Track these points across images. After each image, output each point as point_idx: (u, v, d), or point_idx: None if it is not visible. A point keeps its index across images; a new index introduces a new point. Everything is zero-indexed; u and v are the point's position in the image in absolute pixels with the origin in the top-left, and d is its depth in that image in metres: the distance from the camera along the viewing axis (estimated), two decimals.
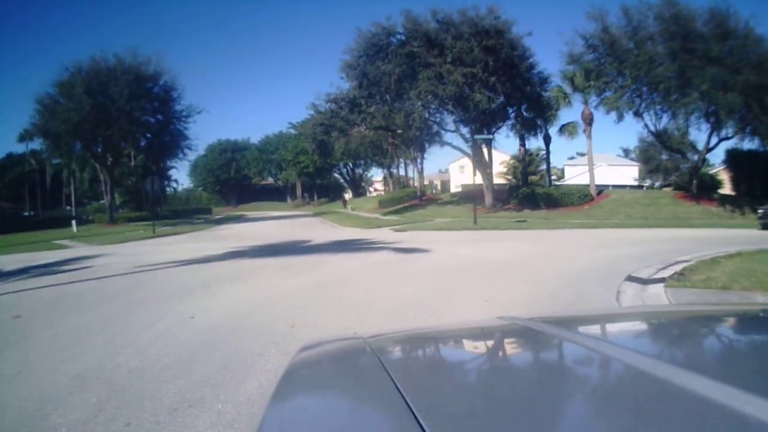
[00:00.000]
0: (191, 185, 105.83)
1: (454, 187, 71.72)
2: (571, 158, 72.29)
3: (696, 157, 37.58)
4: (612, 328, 1.96)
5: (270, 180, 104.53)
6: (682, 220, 29.29)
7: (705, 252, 11.91)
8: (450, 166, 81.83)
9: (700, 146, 37.38)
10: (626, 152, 75.76)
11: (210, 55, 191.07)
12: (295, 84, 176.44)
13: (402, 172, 71.96)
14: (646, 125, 37.62)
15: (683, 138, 36.57)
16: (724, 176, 44.55)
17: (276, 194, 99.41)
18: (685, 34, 31.22)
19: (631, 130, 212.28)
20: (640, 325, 2.00)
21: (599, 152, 49.57)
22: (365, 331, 1.84)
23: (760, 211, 21.99)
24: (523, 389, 1.20)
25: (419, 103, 35.75)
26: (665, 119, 36.93)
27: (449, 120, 41.06)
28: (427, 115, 38.40)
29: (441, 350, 1.80)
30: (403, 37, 35.95)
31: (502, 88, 34.51)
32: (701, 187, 37.37)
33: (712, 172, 45.63)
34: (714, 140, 36.71)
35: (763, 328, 1.72)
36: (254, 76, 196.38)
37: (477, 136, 31.80)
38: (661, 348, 1.57)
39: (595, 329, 1.94)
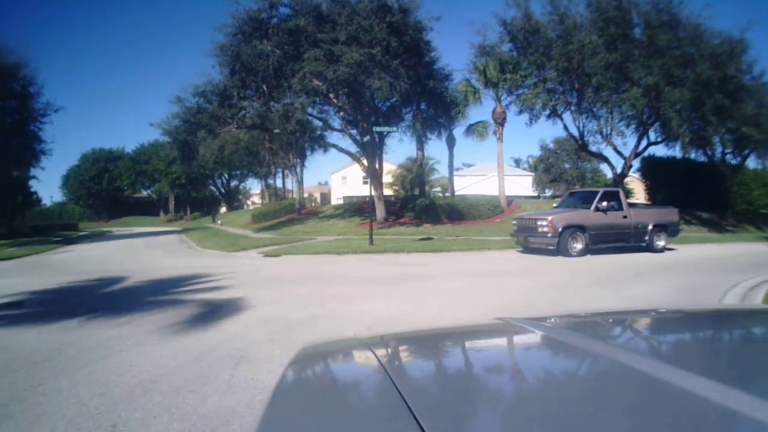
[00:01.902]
0: (63, 198, 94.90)
1: (336, 200, 65.90)
2: (458, 169, 67.39)
3: (622, 163, 33.02)
4: (610, 328, 2.00)
5: (144, 193, 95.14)
6: None
7: None
8: (332, 176, 75.62)
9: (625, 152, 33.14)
10: (517, 162, 71.81)
11: (82, 54, 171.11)
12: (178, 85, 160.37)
13: (281, 183, 64.83)
14: (565, 126, 32.47)
15: (608, 140, 31.71)
16: (634, 185, 42.98)
17: (150, 208, 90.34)
18: (627, 20, 27.42)
19: (526, 139, 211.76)
20: (638, 326, 2.07)
21: (490, 162, 44.22)
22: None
23: (514, 222, 18.40)
24: (521, 390, 1.21)
25: (303, 95, 27.70)
26: (589, 119, 32.16)
27: (336, 119, 34.60)
28: (310, 109, 31.22)
29: (440, 351, 1.77)
30: (289, 11, 28.71)
31: (406, 74, 27.80)
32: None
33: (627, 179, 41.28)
34: (643, 144, 33.05)
35: (763, 328, 1.83)
36: (132, 78, 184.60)
37: (376, 128, 24.26)
38: (659, 348, 1.59)
39: (594, 330, 1.95)
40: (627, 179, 41.56)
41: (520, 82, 30.53)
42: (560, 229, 15.19)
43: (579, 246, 15.42)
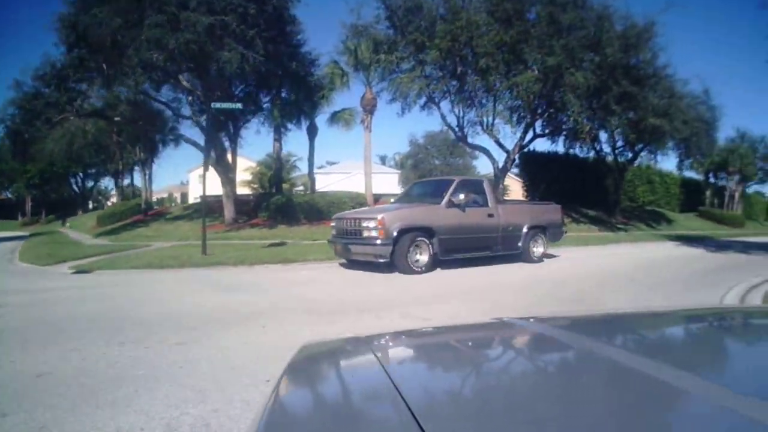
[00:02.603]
0: None
1: (193, 199, 59.30)
2: (322, 167, 64.15)
3: (505, 156, 29.61)
4: (611, 328, 1.92)
5: (3, 195, 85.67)
6: None
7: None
8: (189, 175, 67.80)
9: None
10: (383, 160, 68.10)
11: None
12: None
13: (138, 181, 56.42)
14: (443, 116, 28.71)
15: (490, 131, 28.19)
16: (511, 184, 40.65)
17: (9, 211, 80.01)
18: None
19: (393, 135, 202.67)
20: (639, 326, 1.98)
21: (357, 160, 40.27)
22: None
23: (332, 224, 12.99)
24: (521, 390, 1.20)
25: (139, 70, 22.30)
26: (470, 108, 28.33)
27: (187, 106, 29.59)
28: (156, 93, 26.90)
29: (440, 350, 1.74)
30: None
31: (263, 46, 22.96)
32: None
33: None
34: (529, 136, 29.70)
35: (762, 329, 1.80)
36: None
37: (216, 105, 18.97)
38: (660, 349, 1.57)
39: (593, 330, 1.88)
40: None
41: (395, 64, 26.33)
42: (395, 233, 10.30)
43: (424, 258, 10.66)
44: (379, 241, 10.35)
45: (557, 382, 1.23)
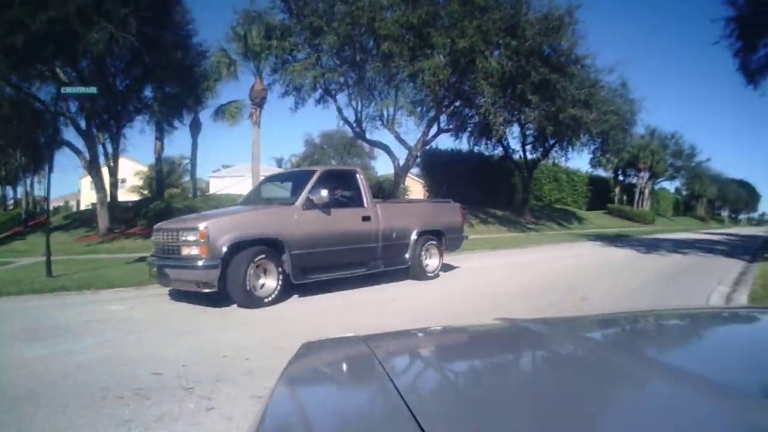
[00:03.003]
0: None
1: (85, 206, 53.77)
2: (217, 171, 60.53)
3: (406, 154, 27.01)
4: (611, 329, 1.94)
5: None
6: None
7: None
8: (81, 181, 61.11)
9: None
10: (279, 162, 64.49)
11: None
12: None
13: (39, 190, 50.27)
14: (339, 109, 25.87)
15: (390, 126, 25.79)
16: (411, 185, 38.01)
17: None
18: None
19: (289, 136, 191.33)
20: (639, 327, 2.01)
21: (246, 163, 37.18)
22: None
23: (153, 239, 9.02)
24: (521, 390, 1.19)
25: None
26: (369, 101, 25.76)
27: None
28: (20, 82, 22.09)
29: (440, 350, 1.77)
30: None
31: (139, 28, 19.58)
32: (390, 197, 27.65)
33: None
34: (433, 131, 27.30)
35: (763, 328, 1.76)
36: None
37: (67, 89, 16.10)
38: (661, 348, 1.57)
39: (594, 330, 1.91)
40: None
41: (288, 52, 23.70)
42: (225, 249, 6.90)
43: (270, 283, 7.32)
44: (201, 262, 6.85)
45: (557, 382, 1.21)
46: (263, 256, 7.16)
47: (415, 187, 38.48)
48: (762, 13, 20.49)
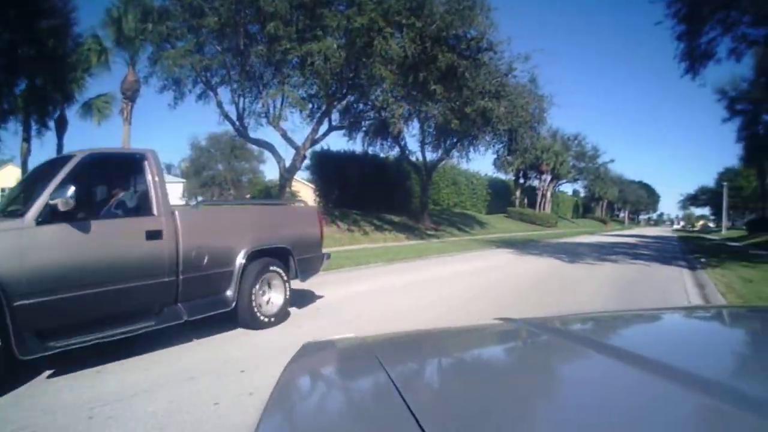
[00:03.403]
0: None
1: None
2: None
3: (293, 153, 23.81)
4: (611, 328, 1.96)
5: None
6: None
7: None
8: None
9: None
10: (168, 168, 60.04)
11: None
12: None
13: None
14: (219, 104, 22.36)
15: (275, 122, 22.40)
16: (301, 190, 34.07)
17: None
18: None
19: (179, 138, 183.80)
20: (639, 326, 2.02)
21: None
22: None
23: None
24: (522, 390, 1.19)
25: None
26: (253, 95, 22.69)
27: None
28: None
29: (440, 351, 1.74)
30: None
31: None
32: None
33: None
34: (324, 128, 24.35)
35: (763, 328, 1.78)
36: None
37: None
38: (660, 348, 1.49)
39: (594, 330, 1.91)
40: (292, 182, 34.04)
41: (165, 37, 20.38)
42: None
43: None
44: None
45: (557, 382, 1.24)
46: None
47: (306, 192, 35.32)
48: None
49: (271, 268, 6.18)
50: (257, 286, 5.96)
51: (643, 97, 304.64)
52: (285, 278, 6.36)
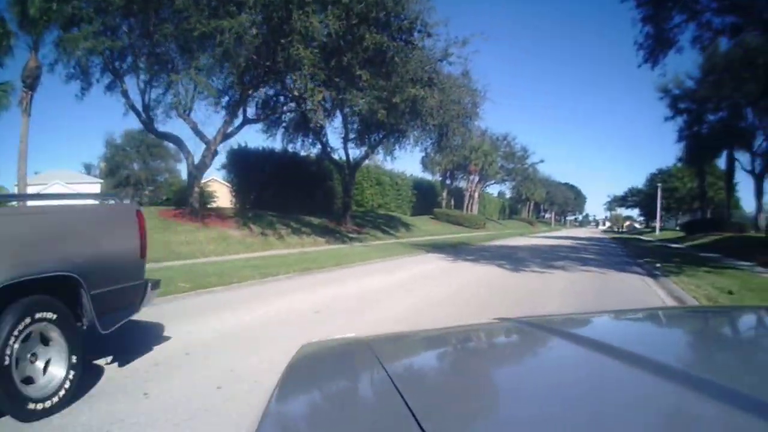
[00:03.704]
0: None
1: None
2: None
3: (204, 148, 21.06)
4: (611, 328, 1.99)
5: None
6: (176, 255, 14.97)
7: None
8: None
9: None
10: (88, 169, 56.66)
11: None
12: None
13: None
14: (125, 93, 19.83)
15: (181, 110, 19.87)
16: (216, 186, 32.25)
17: None
18: None
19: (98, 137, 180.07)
20: (639, 326, 2.04)
21: (55, 168, 31.09)
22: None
23: None
24: (522, 390, 1.19)
25: None
26: (163, 84, 20.20)
27: None
28: None
29: (440, 351, 1.78)
30: None
31: None
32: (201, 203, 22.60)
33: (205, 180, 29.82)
34: (237, 121, 22.10)
35: (762, 328, 1.81)
36: None
37: None
38: (659, 348, 1.52)
39: (594, 330, 1.93)
40: (209, 182, 31.62)
41: (69, 18, 17.84)
42: None
43: None
44: None
45: (557, 382, 1.22)
46: None
47: (222, 191, 32.81)
48: None
49: (40, 315, 3.54)
50: (16, 347, 3.34)
51: (572, 100, 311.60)
52: (68, 333, 3.76)
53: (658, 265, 15.09)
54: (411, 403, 0.94)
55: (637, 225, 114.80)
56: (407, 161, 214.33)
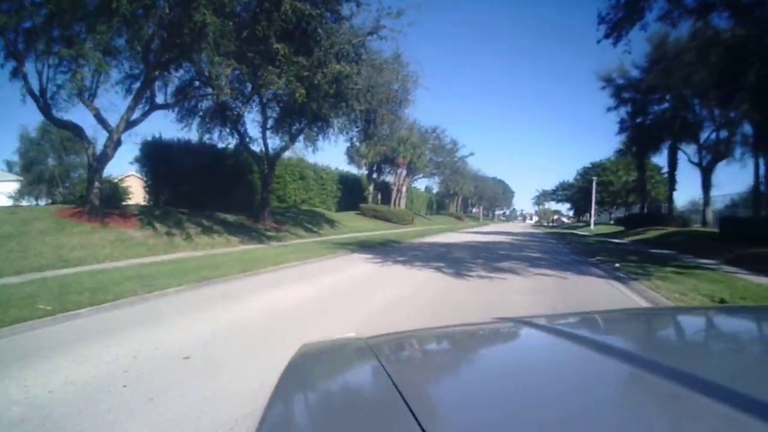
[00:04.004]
0: None
1: None
2: None
3: (107, 138, 18.65)
4: (611, 328, 1.97)
5: None
6: (65, 261, 12.99)
7: None
8: None
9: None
10: (10, 166, 52.88)
11: None
12: None
13: None
14: (25, 76, 17.13)
15: (80, 92, 17.39)
16: (132, 181, 30.42)
17: None
18: None
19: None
20: (639, 325, 2.04)
21: None
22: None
23: None
24: (522, 390, 1.20)
25: None
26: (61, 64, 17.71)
27: None
28: None
29: (440, 351, 1.80)
30: None
31: None
32: (107, 201, 20.24)
33: (118, 178, 27.85)
34: (144, 107, 20.02)
35: (761, 327, 1.77)
36: None
37: None
38: (659, 348, 1.58)
39: (594, 329, 1.92)
40: (127, 177, 29.84)
41: None
42: None
43: None
44: None
45: (557, 381, 1.21)
46: None
47: (136, 185, 30.65)
48: None
49: None
50: None
51: (502, 95, 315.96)
52: None
53: (617, 265, 14.03)
54: (411, 403, 0.94)
55: (564, 219, 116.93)
56: (333, 155, 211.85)
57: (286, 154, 27.58)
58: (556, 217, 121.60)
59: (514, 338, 1.79)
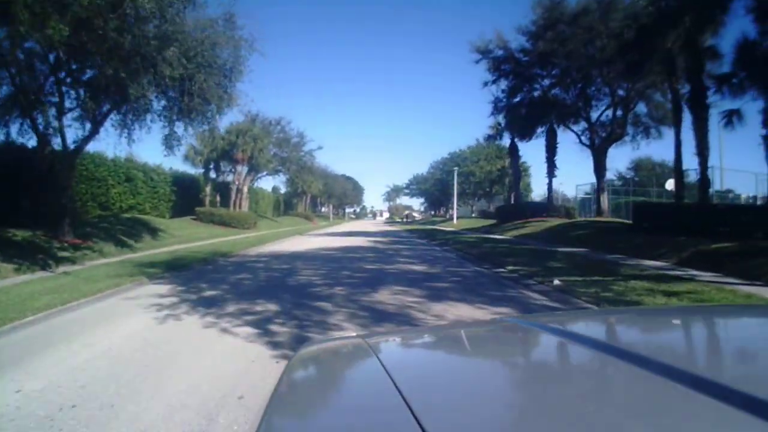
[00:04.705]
0: None
1: None
2: None
3: None
4: (612, 327, 1.94)
5: None
6: None
7: None
8: None
9: None
10: None
11: None
12: None
13: None
14: None
15: None
16: None
17: None
18: None
19: None
20: (641, 325, 2.01)
21: None
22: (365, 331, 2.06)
23: None
24: (522, 389, 1.21)
25: None
26: None
27: None
28: None
29: (440, 350, 1.78)
30: None
31: None
32: None
33: None
34: None
35: (761, 327, 1.76)
36: None
37: None
38: (661, 347, 1.53)
39: (595, 329, 1.89)
40: None
41: None
42: None
43: None
44: None
45: (558, 380, 1.22)
46: None
47: None
48: None
49: None
50: None
51: (352, 91, 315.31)
52: None
53: (557, 282, 10.19)
54: (411, 403, 0.94)
55: (416, 215, 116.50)
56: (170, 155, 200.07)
57: (112, 153, 21.54)
58: (407, 212, 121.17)
59: (514, 338, 1.75)
